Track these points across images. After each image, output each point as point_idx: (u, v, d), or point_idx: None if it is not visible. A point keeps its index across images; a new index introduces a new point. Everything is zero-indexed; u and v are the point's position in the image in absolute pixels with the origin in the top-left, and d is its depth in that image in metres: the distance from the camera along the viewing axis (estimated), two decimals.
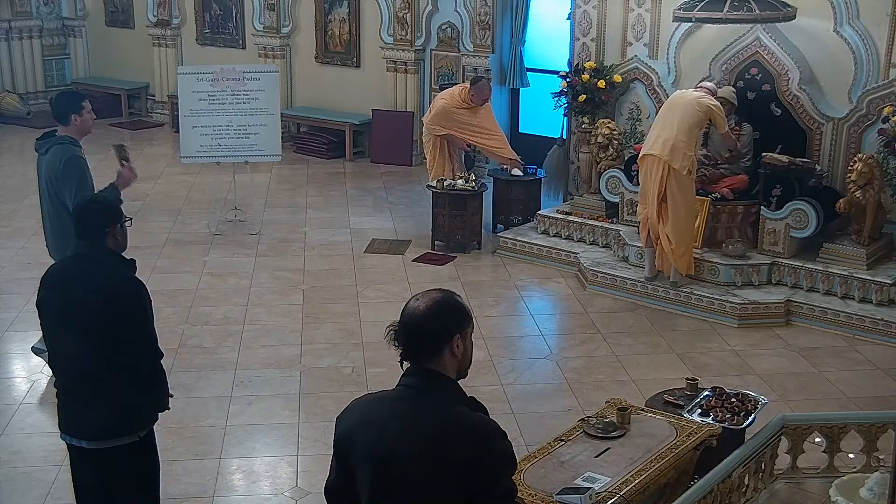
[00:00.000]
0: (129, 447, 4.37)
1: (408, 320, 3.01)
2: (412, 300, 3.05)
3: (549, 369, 7.20)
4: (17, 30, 15.29)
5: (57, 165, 6.26)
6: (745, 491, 5.12)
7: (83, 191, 6.22)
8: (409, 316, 3.01)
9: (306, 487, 5.61)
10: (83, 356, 4.27)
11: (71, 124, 6.36)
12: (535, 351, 7.52)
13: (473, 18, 11.88)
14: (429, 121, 9.93)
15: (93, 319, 4.22)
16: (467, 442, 2.93)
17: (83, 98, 6.56)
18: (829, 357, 7.43)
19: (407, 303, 3.05)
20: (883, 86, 8.25)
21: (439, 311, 3.01)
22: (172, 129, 13.78)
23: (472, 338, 3.10)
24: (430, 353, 3.01)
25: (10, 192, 11.30)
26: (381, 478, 2.95)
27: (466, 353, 3.07)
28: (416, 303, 3.03)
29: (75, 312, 4.24)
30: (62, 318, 4.30)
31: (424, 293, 3.07)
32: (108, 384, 4.26)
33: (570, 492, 4.29)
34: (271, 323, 7.93)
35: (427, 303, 3.02)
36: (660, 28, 9.35)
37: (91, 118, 6.49)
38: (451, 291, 3.11)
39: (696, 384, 5.55)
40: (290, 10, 13.52)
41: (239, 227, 10.20)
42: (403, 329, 3.01)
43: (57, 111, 6.42)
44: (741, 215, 8.56)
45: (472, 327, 3.09)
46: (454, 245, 9.54)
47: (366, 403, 3.12)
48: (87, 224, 4.37)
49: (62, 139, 6.35)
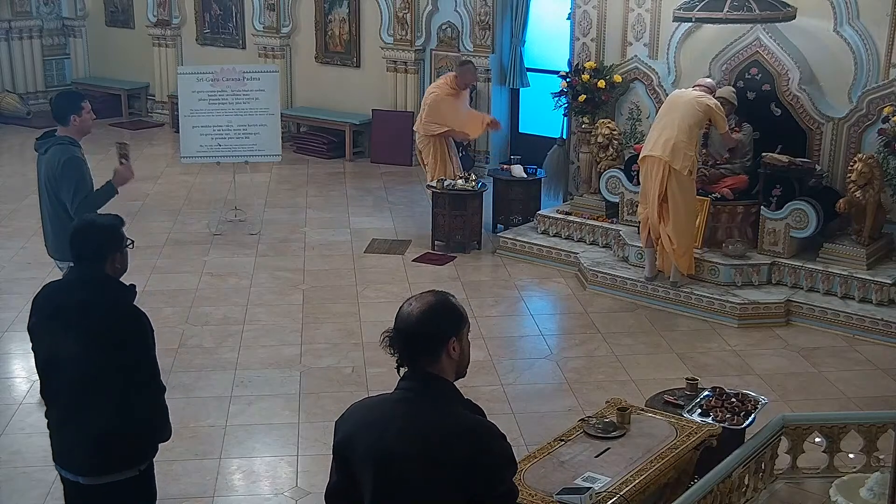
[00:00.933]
0: (128, 482, 4.16)
1: (402, 325, 2.98)
2: (406, 304, 3.03)
3: (549, 369, 7.20)
4: (17, 30, 15.29)
5: (56, 166, 6.26)
6: (745, 491, 5.12)
7: (82, 191, 6.25)
8: (404, 321, 2.98)
9: (306, 487, 5.61)
10: (79, 387, 4.03)
11: (70, 124, 6.36)
12: (535, 351, 7.52)
13: (473, 18, 11.89)
14: (424, 121, 9.81)
15: (90, 351, 3.98)
16: (466, 443, 2.92)
17: (83, 98, 6.56)
18: (829, 357, 7.43)
19: (401, 307, 3.03)
20: (883, 86, 8.25)
21: (433, 315, 2.99)
22: (172, 129, 13.78)
23: (469, 338, 3.09)
24: (428, 356, 2.99)
25: (10, 192, 11.29)
26: (381, 478, 2.95)
27: (464, 354, 3.06)
28: (409, 307, 3.00)
29: (72, 343, 3.99)
30: (56, 348, 4.05)
31: (418, 296, 3.04)
32: (107, 417, 4.02)
33: (570, 492, 4.29)
34: (271, 323, 7.93)
35: (421, 306, 2.99)
36: (660, 28, 9.35)
37: (90, 118, 6.49)
38: (445, 293, 3.08)
39: (696, 384, 5.55)
40: (290, 10, 13.52)
41: (239, 227, 10.20)
42: (398, 335, 2.98)
43: (56, 111, 6.42)
44: (741, 215, 8.56)
45: (468, 327, 3.08)
46: (454, 245, 9.54)
47: (365, 407, 3.12)
48: (85, 247, 4.14)
49: (61, 139, 6.35)
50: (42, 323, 4.14)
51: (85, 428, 4.04)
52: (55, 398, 4.15)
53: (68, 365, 4.02)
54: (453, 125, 9.79)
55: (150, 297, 8.30)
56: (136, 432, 4.11)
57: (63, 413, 4.12)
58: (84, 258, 4.13)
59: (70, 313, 4.04)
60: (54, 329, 4.06)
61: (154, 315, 4.47)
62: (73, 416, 4.08)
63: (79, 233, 4.19)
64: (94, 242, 4.13)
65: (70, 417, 4.09)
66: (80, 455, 4.09)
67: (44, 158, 6.42)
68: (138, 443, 4.17)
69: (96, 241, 4.14)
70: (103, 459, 4.08)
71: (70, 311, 4.05)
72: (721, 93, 8.57)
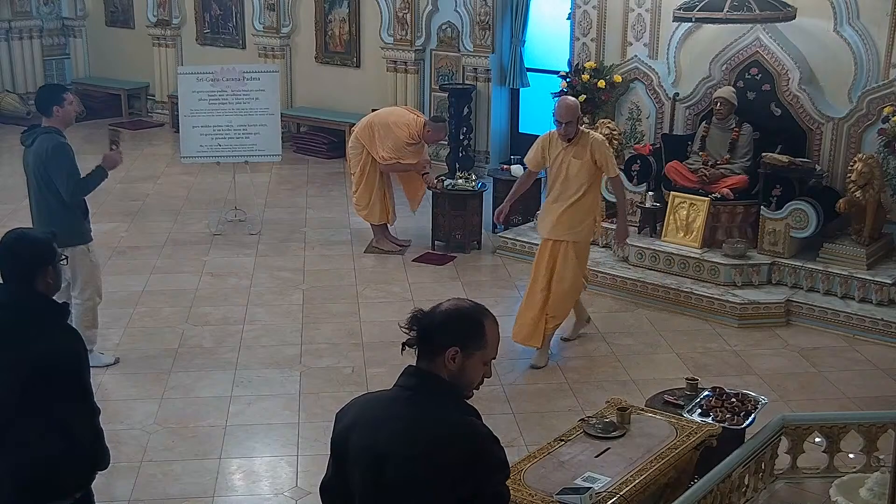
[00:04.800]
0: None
1: (424, 319, 3.00)
2: (446, 301, 3.05)
3: (549, 369, 7.19)
4: (17, 30, 15.28)
5: (44, 153, 6.39)
6: (745, 491, 5.12)
7: (75, 175, 6.41)
8: (429, 313, 3.01)
9: (306, 487, 5.61)
10: (9, 414, 3.69)
11: (53, 115, 6.47)
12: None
13: (473, 18, 11.88)
14: (388, 156, 9.14)
15: (16, 378, 3.66)
16: (458, 446, 2.92)
17: (65, 90, 6.68)
18: (829, 357, 7.43)
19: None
20: (883, 86, 8.25)
21: (450, 317, 2.99)
22: (172, 129, 13.78)
23: (482, 366, 3.01)
24: (429, 354, 2.99)
25: (11, 192, 11.28)
26: (371, 477, 2.95)
27: (465, 373, 2.99)
28: (443, 304, 3.03)
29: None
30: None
31: (458, 299, 3.07)
32: (38, 444, 3.69)
33: (570, 492, 4.29)
34: (271, 323, 7.93)
35: (450, 306, 3.02)
36: (660, 28, 9.35)
37: (73, 109, 6.61)
38: (486, 310, 3.05)
39: (696, 384, 5.56)
40: (290, 10, 13.52)
41: (239, 227, 10.20)
42: (419, 324, 3.00)
43: (39, 103, 6.56)
44: (741, 215, 8.56)
45: (483, 352, 3.00)
46: (454, 245, 9.53)
47: (363, 403, 3.13)
48: (12, 266, 3.80)
49: (47, 129, 6.50)
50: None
51: (14, 457, 3.71)
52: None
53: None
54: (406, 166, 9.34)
55: (150, 297, 8.31)
56: (70, 460, 3.77)
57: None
58: (12, 277, 3.81)
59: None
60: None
61: (154, 315, 4.46)
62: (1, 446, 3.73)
63: (6, 248, 3.84)
64: (23, 258, 3.80)
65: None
66: (8, 487, 3.74)
67: (31, 150, 6.53)
68: (74, 471, 3.84)
69: (27, 255, 3.81)
70: (37, 491, 3.74)
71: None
72: (721, 93, 8.58)
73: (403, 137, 9.20)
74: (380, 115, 9.45)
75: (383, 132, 9.21)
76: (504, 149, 12.03)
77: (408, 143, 9.22)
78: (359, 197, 9.49)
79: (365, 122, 9.42)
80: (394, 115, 9.49)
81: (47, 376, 3.69)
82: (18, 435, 3.69)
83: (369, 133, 9.27)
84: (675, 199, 8.63)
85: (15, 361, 3.67)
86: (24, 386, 3.67)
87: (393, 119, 9.34)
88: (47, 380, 3.68)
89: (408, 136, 9.21)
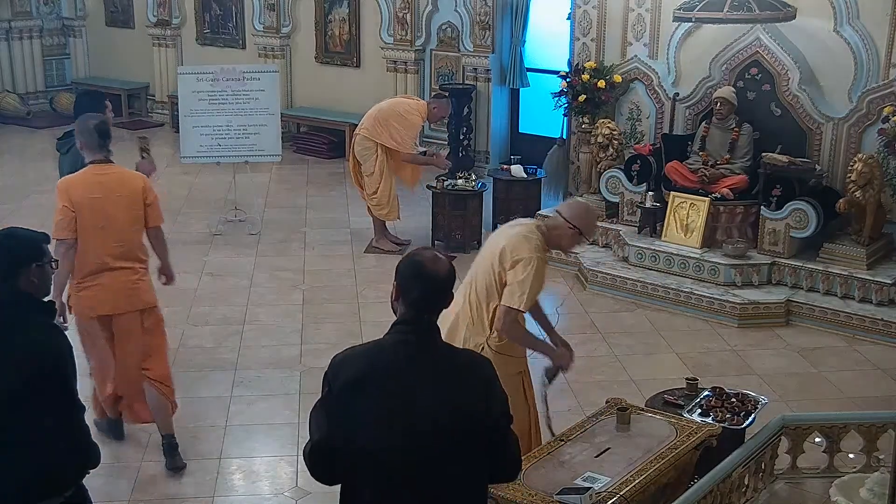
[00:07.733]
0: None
1: (434, 281, 3.17)
2: (421, 258, 3.22)
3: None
4: (17, 30, 15.29)
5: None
6: (745, 491, 5.12)
7: None
8: (432, 278, 3.17)
9: (306, 487, 5.61)
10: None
11: None
12: None
13: (473, 18, 11.88)
14: (401, 137, 9.16)
15: (3, 377, 3.62)
16: (476, 372, 3.22)
17: (105, 97, 6.69)
18: (829, 357, 7.43)
19: (417, 259, 3.22)
20: (883, 86, 8.25)
21: (453, 276, 3.25)
22: (172, 129, 13.78)
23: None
24: (441, 308, 3.24)
25: (11, 193, 11.29)
26: (401, 425, 3.08)
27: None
28: (433, 264, 3.19)
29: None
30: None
31: (431, 254, 3.25)
32: (19, 442, 3.64)
33: (570, 492, 4.29)
34: (271, 323, 7.93)
35: (446, 265, 3.22)
36: (660, 28, 9.35)
37: (110, 118, 6.59)
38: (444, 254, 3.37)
39: (696, 384, 5.55)
40: (290, 10, 13.53)
41: (239, 227, 10.20)
42: (426, 287, 3.16)
43: (79, 111, 6.47)
44: (741, 215, 8.56)
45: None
46: (454, 245, 9.53)
47: (365, 352, 3.32)
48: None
49: None
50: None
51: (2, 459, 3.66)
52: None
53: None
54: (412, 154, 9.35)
55: None
56: (56, 457, 3.72)
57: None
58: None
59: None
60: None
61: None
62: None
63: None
64: (7, 255, 3.73)
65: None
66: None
67: (66, 158, 6.48)
68: (61, 468, 3.78)
69: (12, 252, 3.74)
70: (23, 489, 3.67)
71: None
72: (721, 93, 8.58)
73: (418, 123, 9.32)
74: (385, 110, 9.32)
75: (399, 124, 9.18)
76: (504, 149, 12.03)
77: (417, 126, 9.33)
78: (380, 196, 9.39)
79: (371, 120, 9.30)
80: (399, 105, 9.45)
81: (31, 375, 3.64)
82: (2, 434, 3.65)
83: (381, 129, 9.18)
84: (675, 200, 8.63)
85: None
86: (8, 385, 3.62)
87: (402, 108, 9.32)
88: (31, 378, 3.64)
89: (420, 120, 9.32)
